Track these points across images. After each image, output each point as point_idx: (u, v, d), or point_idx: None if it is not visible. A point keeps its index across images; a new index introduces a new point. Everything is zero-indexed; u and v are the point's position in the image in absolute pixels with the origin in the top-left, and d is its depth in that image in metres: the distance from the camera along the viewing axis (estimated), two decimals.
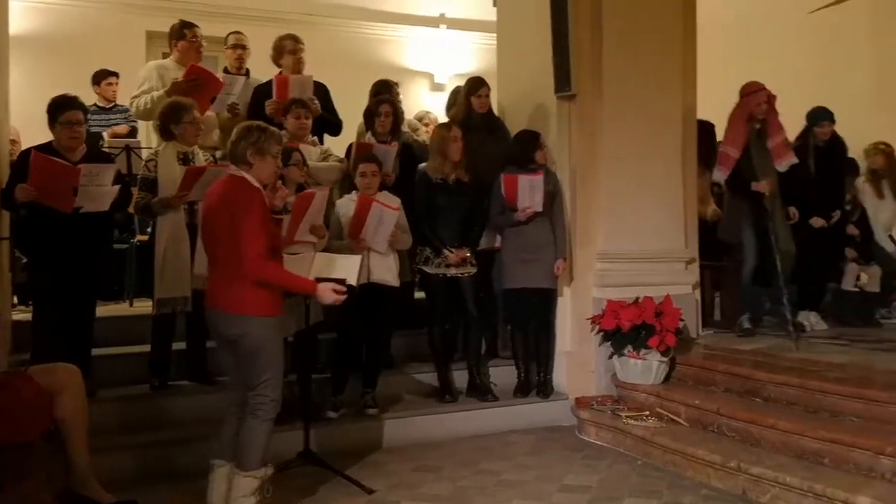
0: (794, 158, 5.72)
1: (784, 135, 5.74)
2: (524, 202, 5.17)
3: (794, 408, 4.34)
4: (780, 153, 5.69)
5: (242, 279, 3.42)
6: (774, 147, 5.68)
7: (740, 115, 5.67)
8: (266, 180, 3.64)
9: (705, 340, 5.74)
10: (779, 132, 5.71)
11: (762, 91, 5.62)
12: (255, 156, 3.52)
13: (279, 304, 3.58)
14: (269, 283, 3.47)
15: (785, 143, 5.72)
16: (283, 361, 3.62)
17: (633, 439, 4.69)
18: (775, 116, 5.71)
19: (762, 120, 5.67)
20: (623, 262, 5.46)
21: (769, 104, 5.64)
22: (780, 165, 5.69)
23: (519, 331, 5.45)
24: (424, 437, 4.86)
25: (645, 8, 5.54)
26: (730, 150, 5.67)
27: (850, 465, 3.74)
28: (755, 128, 5.68)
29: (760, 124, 5.68)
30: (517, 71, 6.06)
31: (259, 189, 3.53)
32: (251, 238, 3.38)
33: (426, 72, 9.57)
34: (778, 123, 5.73)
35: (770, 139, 5.68)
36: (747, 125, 5.66)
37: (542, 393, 5.37)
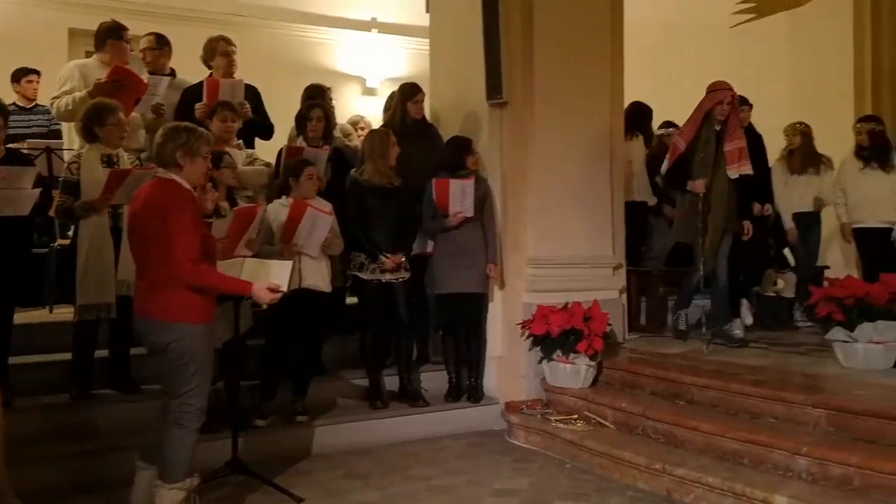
0: (747, 168, 5.51)
1: (742, 142, 5.54)
2: (455, 207, 5.21)
3: (717, 410, 4.47)
4: (732, 158, 5.49)
5: (173, 285, 3.35)
6: (729, 152, 5.50)
7: (699, 110, 5.54)
8: (196, 182, 3.58)
9: (632, 344, 5.85)
10: (736, 137, 5.52)
11: (724, 91, 5.46)
12: (186, 157, 3.46)
13: (211, 312, 3.52)
14: (203, 286, 3.41)
15: (740, 150, 5.50)
16: (211, 369, 3.56)
17: (562, 443, 4.76)
18: (736, 120, 5.57)
19: (723, 121, 5.50)
20: (553, 267, 5.54)
21: (731, 106, 5.47)
22: (731, 171, 5.49)
23: (450, 336, 5.47)
24: (355, 443, 4.84)
25: (575, 18, 5.63)
26: (679, 142, 5.60)
27: (769, 464, 3.87)
28: (714, 128, 5.51)
29: (721, 125, 5.51)
30: (450, 77, 6.10)
31: (190, 191, 3.47)
32: (183, 241, 3.31)
33: (358, 76, 9.53)
34: (737, 128, 5.56)
35: (727, 143, 5.51)
36: (705, 122, 5.50)
37: (473, 398, 5.40)
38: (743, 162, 5.49)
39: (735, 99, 5.51)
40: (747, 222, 5.69)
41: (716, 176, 5.47)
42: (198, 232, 3.40)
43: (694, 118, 5.54)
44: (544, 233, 5.55)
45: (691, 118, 5.57)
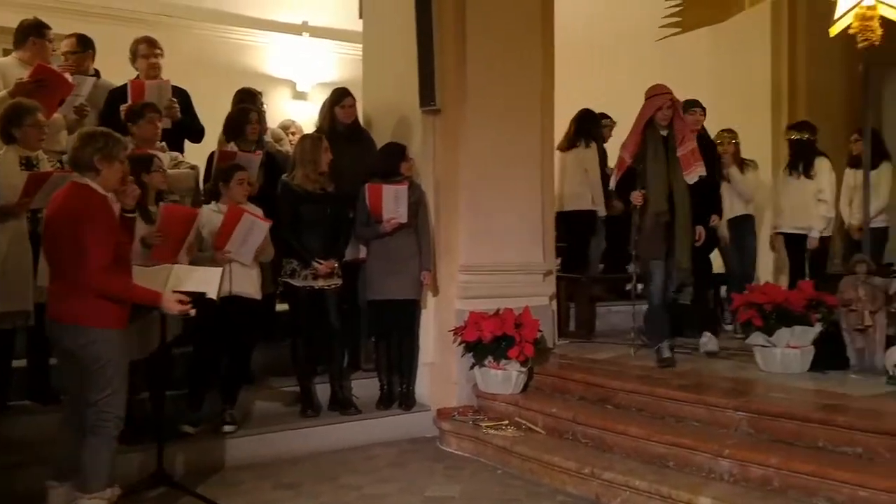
0: (701, 169, 5.24)
1: (692, 144, 5.27)
2: (389, 213, 5.20)
3: (643, 414, 4.57)
4: (687, 163, 5.22)
5: (85, 290, 3.30)
6: (682, 157, 5.22)
7: (639, 119, 5.30)
8: (113, 187, 3.53)
9: (561, 350, 5.95)
10: (687, 141, 5.26)
11: (662, 96, 5.21)
12: (103, 162, 3.42)
13: (124, 318, 3.46)
14: (111, 295, 3.37)
15: (693, 153, 5.24)
16: (128, 376, 3.49)
17: (493, 449, 4.79)
18: (683, 124, 5.32)
19: (668, 126, 5.25)
20: (485, 274, 5.57)
21: (673, 110, 5.22)
22: (688, 177, 5.22)
23: (382, 343, 5.45)
24: (285, 452, 4.77)
25: (507, 29, 5.70)
26: (624, 155, 5.36)
27: (693, 467, 3.98)
28: (660, 133, 5.26)
29: (667, 131, 5.26)
30: (382, 83, 6.10)
31: (105, 197, 3.42)
32: (94, 249, 3.28)
33: (288, 80, 9.41)
34: (686, 131, 5.30)
35: (679, 148, 5.24)
36: (647, 130, 5.26)
37: (405, 405, 5.39)
38: (696, 165, 5.25)
39: (676, 102, 5.28)
40: (700, 227, 5.41)
41: (675, 184, 5.22)
42: (111, 239, 3.37)
43: (635, 128, 5.34)
44: (476, 239, 5.59)
45: (633, 128, 5.37)
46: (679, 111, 5.31)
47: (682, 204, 5.22)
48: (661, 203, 5.19)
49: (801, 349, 4.89)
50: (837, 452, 3.73)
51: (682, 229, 5.22)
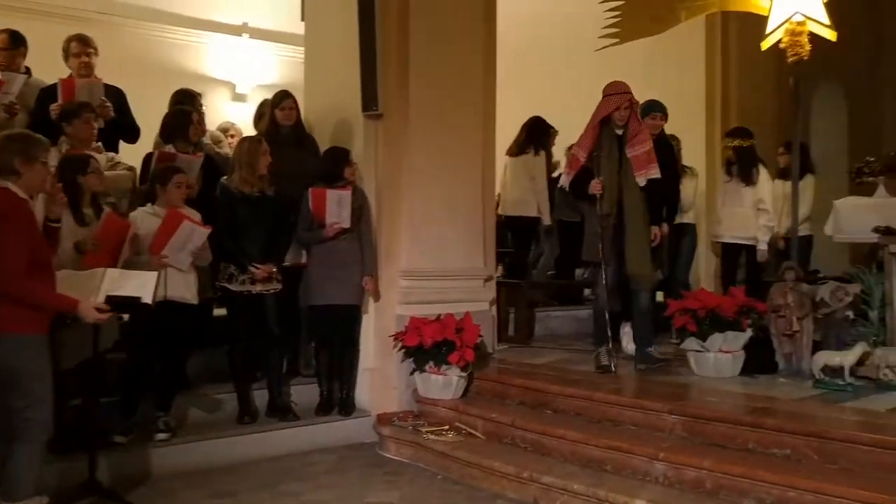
0: (655, 172, 5.11)
1: (646, 145, 5.12)
2: (332, 217, 5.17)
3: (581, 418, 4.63)
4: (639, 164, 5.08)
5: (2, 295, 3.22)
6: (634, 157, 5.08)
7: (595, 116, 5.16)
8: (36, 189, 3.47)
9: (501, 355, 5.99)
10: (640, 142, 5.11)
11: (619, 96, 5.08)
12: (24, 164, 3.35)
13: (44, 323, 3.38)
14: (26, 300, 3.28)
15: (647, 155, 5.09)
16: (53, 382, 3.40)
17: (433, 454, 4.79)
18: (638, 124, 5.17)
19: (625, 126, 5.12)
20: (426, 279, 5.58)
21: (630, 110, 5.09)
22: (639, 178, 5.07)
23: (323, 348, 5.41)
24: (222, 460, 4.69)
25: (450, 35, 5.73)
26: (578, 153, 5.21)
27: (629, 470, 4.05)
28: (615, 132, 5.14)
29: (623, 130, 5.13)
30: (324, 86, 6.06)
31: (25, 200, 3.35)
32: (10, 252, 3.21)
33: (227, 81, 9.29)
34: (640, 132, 5.15)
35: (630, 148, 5.10)
36: (603, 128, 5.13)
37: (345, 411, 5.36)
38: (650, 167, 5.09)
39: (634, 102, 5.15)
40: (655, 228, 5.30)
41: (626, 185, 5.09)
42: (27, 243, 3.29)
43: (590, 126, 5.18)
44: (418, 245, 5.60)
45: (588, 126, 5.21)
46: (636, 111, 5.19)
47: (631, 207, 5.08)
48: (608, 204, 5.07)
49: (733, 354, 5.02)
50: (767, 454, 3.84)
51: (632, 234, 5.07)
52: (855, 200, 5.74)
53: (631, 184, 5.09)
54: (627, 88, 5.12)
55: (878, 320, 4.83)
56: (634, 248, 5.07)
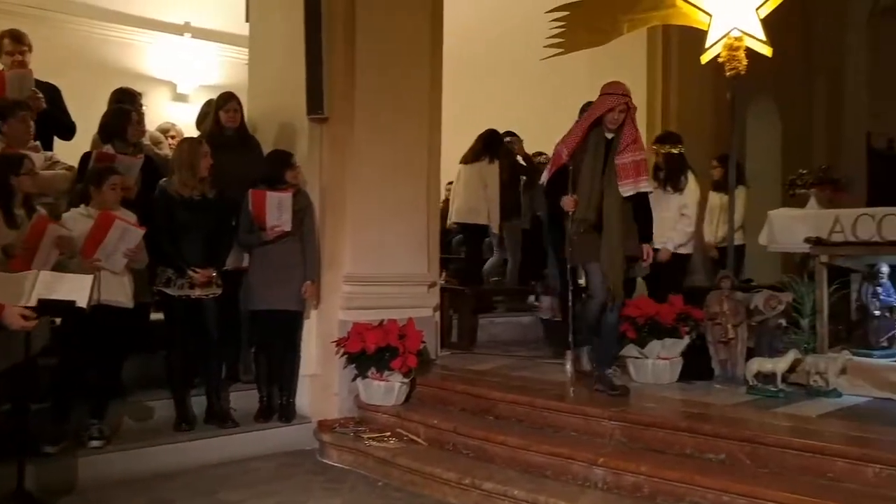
0: (643, 186, 4.75)
1: (638, 155, 4.75)
2: (273, 220, 5.11)
3: (523, 424, 4.66)
4: (626, 174, 4.69)
5: None
6: (621, 166, 4.70)
7: (588, 116, 4.81)
8: None
9: (444, 361, 6.00)
10: (632, 151, 4.72)
11: (616, 97, 4.68)
12: None
13: None
14: None
15: (635, 165, 4.71)
16: None
17: (374, 461, 4.77)
18: (634, 131, 4.75)
19: (617, 130, 4.73)
20: (369, 284, 5.56)
21: (626, 114, 4.70)
22: (623, 188, 4.70)
23: (263, 354, 5.34)
24: (158, 468, 4.58)
25: (397, 41, 5.72)
26: (561, 150, 4.80)
27: (570, 475, 4.09)
28: (605, 135, 4.75)
29: (614, 135, 4.75)
30: (269, 88, 5.99)
31: None
32: None
33: (169, 81, 9.12)
34: (635, 140, 4.75)
35: (619, 155, 4.72)
36: (593, 128, 4.74)
37: (285, 417, 5.29)
38: (640, 178, 4.72)
39: (632, 107, 4.74)
40: (647, 246, 4.86)
41: (608, 193, 4.73)
42: None
43: (580, 123, 4.83)
44: (362, 250, 5.57)
45: (577, 123, 4.86)
46: (633, 117, 4.76)
47: (610, 216, 4.72)
48: (586, 210, 4.73)
49: (671, 360, 5.13)
50: (703, 459, 3.93)
51: (607, 244, 4.71)
52: (788, 212, 5.92)
53: (613, 192, 4.71)
54: (626, 90, 4.72)
55: (808, 328, 4.99)
56: (610, 260, 4.70)
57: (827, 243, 5.12)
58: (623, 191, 4.70)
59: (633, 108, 4.72)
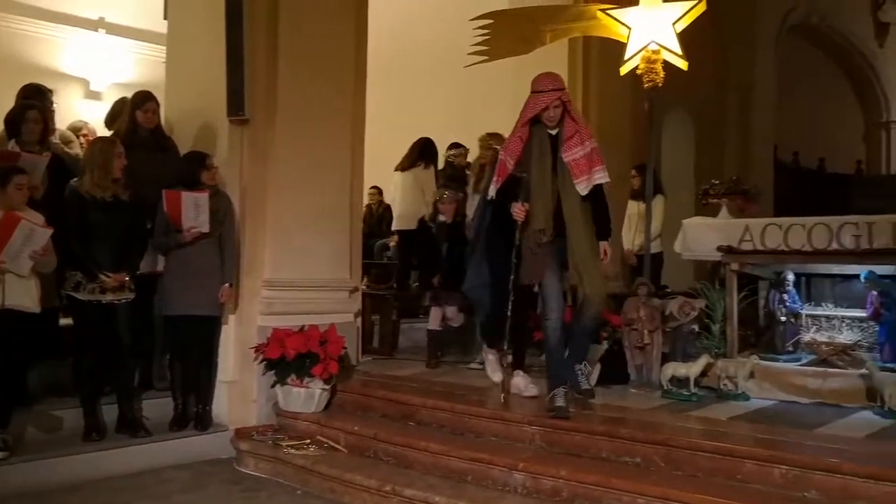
0: (601, 176, 4.39)
1: (587, 146, 4.36)
2: (189, 222, 4.98)
3: (444, 430, 4.67)
4: (579, 170, 4.32)
5: None
6: (572, 162, 4.32)
7: (522, 117, 4.42)
8: None
9: (365, 367, 5.96)
10: (579, 143, 4.34)
11: (546, 94, 4.30)
12: None
13: None
14: None
15: (588, 158, 4.34)
16: None
17: (293, 469, 4.70)
18: (575, 123, 4.38)
19: (559, 125, 4.37)
20: (290, 290, 5.48)
21: (562, 108, 4.34)
22: (580, 185, 4.33)
23: (178, 360, 5.19)
24: (66, 480, 4.40)
25: (321, 39, 5.67)
26: (506, 159, 4.43)
27: (490, 480, 4.12)
28: (548, 133, 4.38)
29: (558, 130, 4.37)
30: (187, 88, 5.84)
31: None
32: None
33: (81, 77, 8.80)
34: (578, 131, 4.37)
35: (566, 152, 4.33)
36: (533, 128, 4.39)
37: (201, 425, 5.16)
38: (594, 171, 4.34)
39: (566, 100, 4.36)
40: (604, 243, 4.50)
41: (564, 194, 4.33)
42: None
43: (517, 127, 4.46)
44: (282, 254, 5.49)
45: (514, 127, 4.49)
46: (570, 109, 4.39)
47: (573, 217, 4.32)
48: (540, 219, 4.33)
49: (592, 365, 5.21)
50: (620, 462, 4.01)
51: (578, 248, 4.31)
52: (701, 220, 6.11)
53: (570, 192, 4.32)
54: (558, 84, 4.33)
55: (719, 333, 5.16)
56: (583, 265, 4.29)
57: (737, 251, 5.31)
58: (580, 188, 4.32)
59: (567, 101, 4.38)
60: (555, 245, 4.35)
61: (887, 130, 13.57)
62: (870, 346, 4.93)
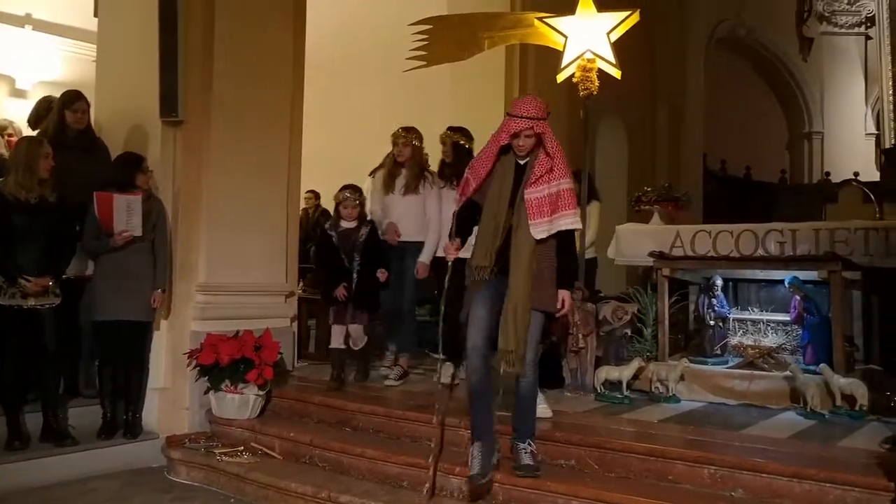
0: (565, 223, 3.80)
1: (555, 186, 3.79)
2: (120, 225, 4.86)
3: (381, 436, 4.66)
4: (537, 211, 3.76)
5: None
6: (532, 201, 3.77)
7: (492, 139, 3.92)
8: None
9: (301, 372, 5.91)
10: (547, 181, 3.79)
11: (518, 120, 3.77)
12: None
13: None
14: None
15: (551, 199, 3.77)
16: None
17: (226, 476, 4.62)
18: (549, 159, 3.81)
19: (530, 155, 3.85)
20: (225, 294, 5.40)
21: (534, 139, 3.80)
22: (534, 229, 3.75)
23: (107, 367, 5.05)
24: None
25: (258, 39, 5.61)
26: (469, 179, 3.96)
27: (426, 485, 4.10)
28: (517, 162, 3.87)
29: (527, 160, 3.86)
30: (118, 87, 5.71)
31: None
32: None
33: (6, 75, 8.49)
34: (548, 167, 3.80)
35: (530, 188, 3.79)
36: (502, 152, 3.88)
37: (130, 433, 5.04)
38: (557, 215, 3.78)
39: (541, 132, 3.80)
40: (563, 292, 3.85)
41: (517, 232, 3.81)
42: None
43: (488, 145, 3.95)
44: (217, 258, 5.40)
45: (487, 144, 3.97)
46: (546, 141, 3.81)
47: (519, 264, 3.77)
48: (481, 255, 3.83)
49: None
50: (555, 465, 4.05)
51: (512, 300, 3.75)
52: (633, 226, 6.25)
53: (523, 233, 3.79)
54: (533, 111, 3.77)
55: (651, 337, 5.28)
56: (512, 315, 3.74)
57: (668, 257, 5.45)
58: (534, 232, 3.76)
59: (543, 133, 3.80)
60: (497, 282, 3.83)
61: (809, 141, 14.09)
62: (793, 349, 5.11)
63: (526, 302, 3.74)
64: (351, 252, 5.34)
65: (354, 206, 5.39)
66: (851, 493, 3.35)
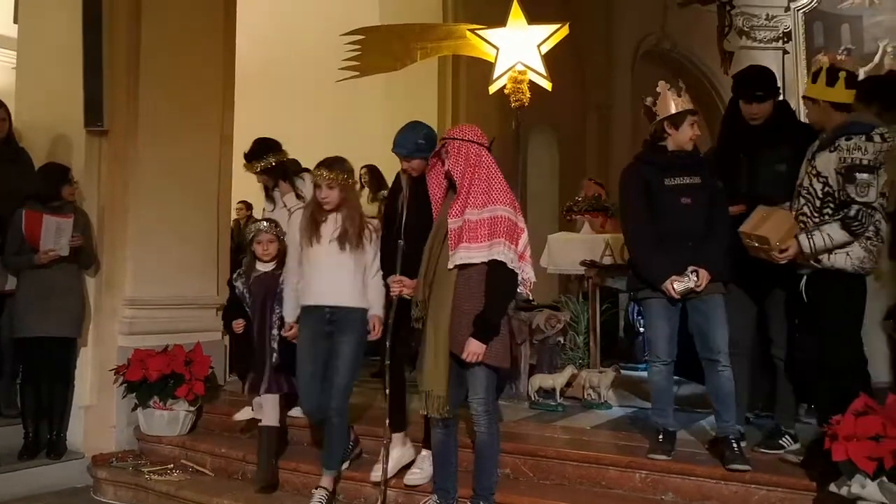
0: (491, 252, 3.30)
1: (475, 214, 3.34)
2: (48, 244, 4.71)
3: (315, 449, 4.57)
4: (455, 237, 3.36)
5: None
6: (454, 231, 3.37)
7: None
8: None
9: (233, 387, 5.79)
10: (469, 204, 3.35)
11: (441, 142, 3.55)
12: None
13: None
14: None
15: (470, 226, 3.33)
16: None
17: (155, 495, 4.53)
18: (470, 183, 3.37)
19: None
20: (153, 308, 5.30)
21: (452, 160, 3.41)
22: (451, 257, 3.36)
23: (30, 385, 4.88)
24: None
25: (186, 47, 5.53)
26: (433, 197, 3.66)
27: (362, 498, 4.11)
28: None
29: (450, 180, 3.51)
30: (40, 96, 5.53)
31: None
32: None
33: None
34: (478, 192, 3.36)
35: (450, 213, 3.41)
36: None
37: (54, 453, 4.89)
38: (473, 244, 3.31)
39: (451, 151, 3.43)
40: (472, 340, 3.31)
41: (439, 267, 3.45)
42: None
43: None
44: (145, 271, 5.30)
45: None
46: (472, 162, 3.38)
47: (441, 301, 3.41)
48: (421, 288, 3.52)
49: None
50: None
51: (432, 337, 3.42)
52: (565, 236, 6.34)
53: (444, 263, 3.42)
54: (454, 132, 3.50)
55: (583, 345, 5.36)
56: (432, 353, 3.42)
57: (598, 266, 5.55)
58: (451, 259, 3.36)
59: (452, 152, 3.42)
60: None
61: None
62: None
63: (441, 341, 3.40)
64: (270, 304, 4.21)
65: (271, 241, 4.27)
66: (776, 493, 3.48)
